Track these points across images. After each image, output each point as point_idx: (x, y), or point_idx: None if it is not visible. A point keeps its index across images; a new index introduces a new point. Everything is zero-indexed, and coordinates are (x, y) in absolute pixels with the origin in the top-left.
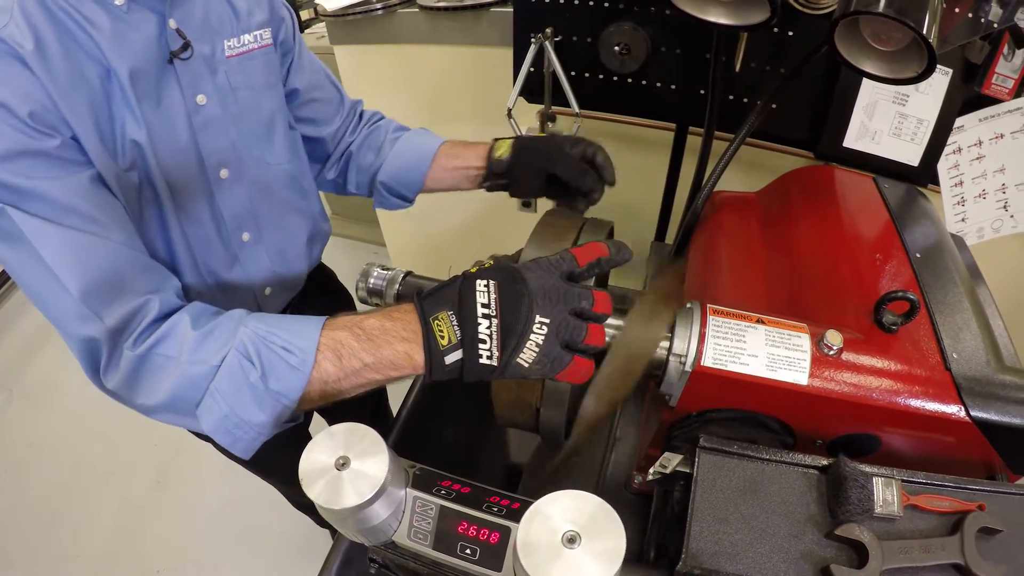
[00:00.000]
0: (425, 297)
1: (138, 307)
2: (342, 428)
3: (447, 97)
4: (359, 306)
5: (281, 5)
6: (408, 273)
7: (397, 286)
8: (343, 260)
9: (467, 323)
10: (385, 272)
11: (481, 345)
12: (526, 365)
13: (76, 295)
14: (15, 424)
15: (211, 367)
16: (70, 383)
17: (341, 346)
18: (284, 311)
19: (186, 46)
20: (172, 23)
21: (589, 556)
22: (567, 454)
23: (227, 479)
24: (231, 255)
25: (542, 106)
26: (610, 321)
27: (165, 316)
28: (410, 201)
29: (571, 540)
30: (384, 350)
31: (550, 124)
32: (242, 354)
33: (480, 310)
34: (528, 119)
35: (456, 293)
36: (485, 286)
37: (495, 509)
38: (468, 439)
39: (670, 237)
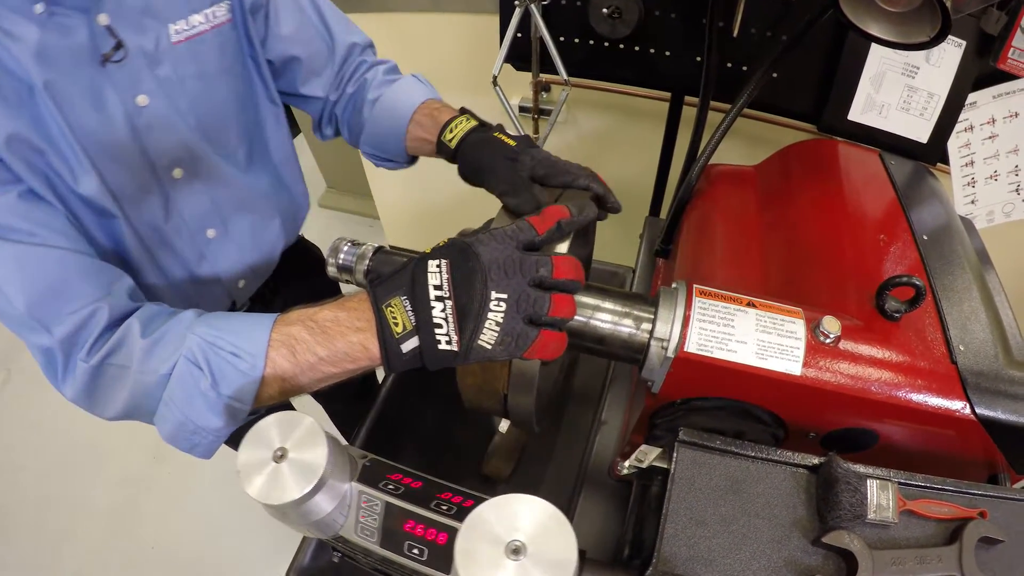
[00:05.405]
0: (379, 284)
1: (87, 316)
2: (277, 418)
3: (437, 66)
4: (343, 288)
5: None
6: (380, 248)
7: (367, 262)
8: (336, 234)
9: (420, 308)
10: (355, 248)
11: (437, 330)
12: (489, 347)
13: (22, 308)
14: (13, 403)
15: (162, 376)
16: None
17: (295, 341)
18: (260, 294)
19: (118, 46)
20: (102, 19)
21: (536, 568)
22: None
23: (222, 453)
24: (197, 253)
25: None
26: (580, 298)
27: (117, 322)
28: (403, 164)
29: (516, 551)
30: (338, 342)
31: (544, 94)
32: (191, 361)
33: (432, 292)
34: (521, 88)
35: (409, 277)
36: (437, 266)
37: (444, 507)
38: (450, 421)
39: (665, 211)
